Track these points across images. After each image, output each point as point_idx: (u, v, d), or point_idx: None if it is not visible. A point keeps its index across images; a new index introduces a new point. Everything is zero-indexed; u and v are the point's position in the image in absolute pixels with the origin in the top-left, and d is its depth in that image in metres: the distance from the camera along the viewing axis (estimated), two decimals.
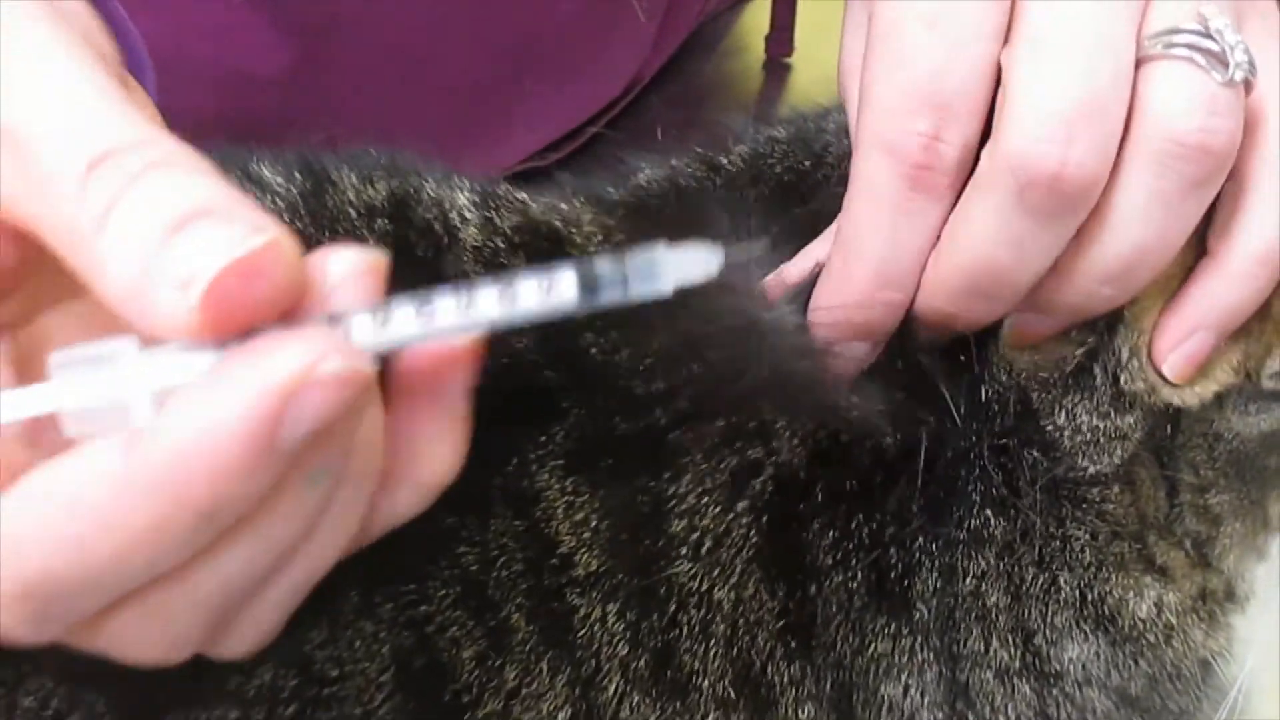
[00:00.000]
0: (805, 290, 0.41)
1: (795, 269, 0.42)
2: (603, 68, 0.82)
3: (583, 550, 0.40)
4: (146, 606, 0.30)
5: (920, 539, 0.41)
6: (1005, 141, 0.37)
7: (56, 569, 0.28)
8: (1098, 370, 0.42)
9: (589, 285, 0.30)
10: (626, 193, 0.46)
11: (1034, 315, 0.41)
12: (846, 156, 0.41)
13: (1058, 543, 0.42)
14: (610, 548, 0.40)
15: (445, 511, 0.38)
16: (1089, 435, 0.42)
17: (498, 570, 0.39)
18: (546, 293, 0.30)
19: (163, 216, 0.28)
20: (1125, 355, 0.41)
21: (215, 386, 0.28)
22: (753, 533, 0.40)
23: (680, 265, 0.31)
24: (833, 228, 0.42)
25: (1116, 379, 0.42)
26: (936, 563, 0.42)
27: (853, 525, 0.41)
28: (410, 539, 0.36)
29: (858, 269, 0.39)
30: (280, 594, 0.33)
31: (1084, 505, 0.42)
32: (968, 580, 0.42)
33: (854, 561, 0.41)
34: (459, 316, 0.30)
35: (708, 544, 0.40)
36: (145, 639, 0.32)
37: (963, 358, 0.42)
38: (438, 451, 0.33)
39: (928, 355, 0.41)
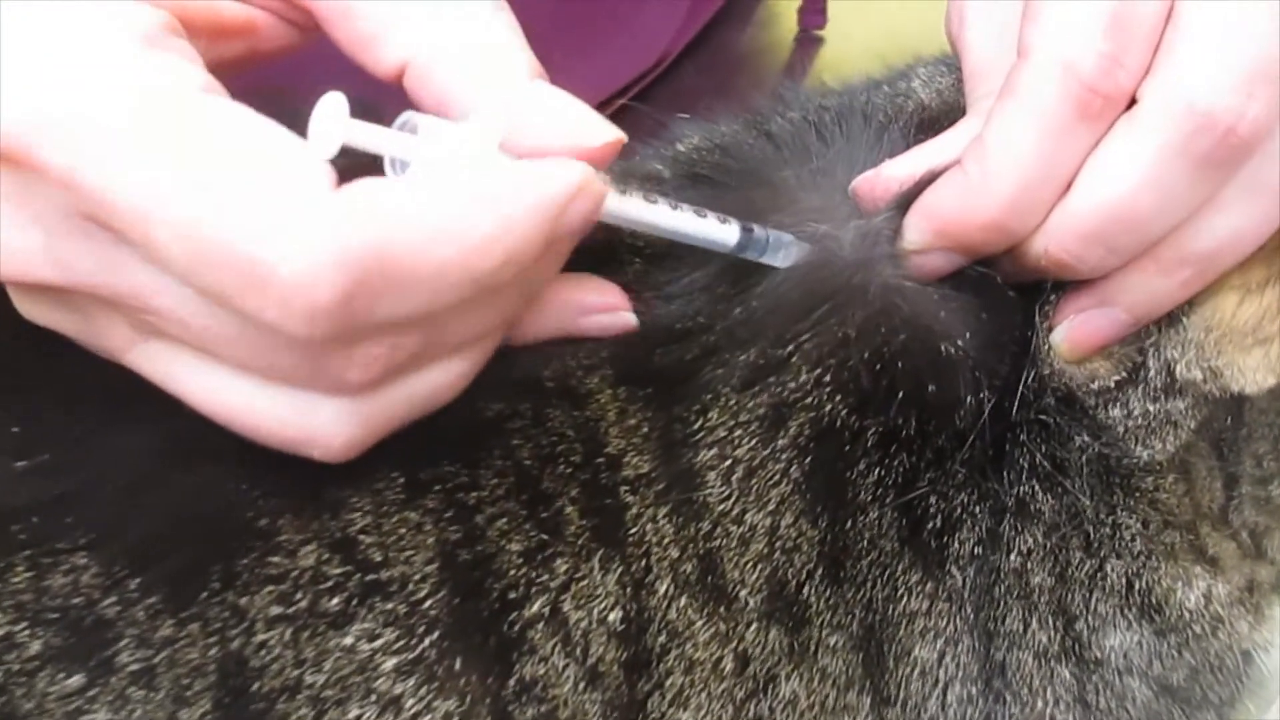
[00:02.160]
0: (911, 196, 0.39)
1: (902, 169, 0.40)
2: (635, 38, 0.80)
3: (632, 453, 0.39)
4: (399, 341, 0.33)
5: (963, 494, 0.41)
6: (1183, 84, 0.35)
7: (390, 253, 0.31)
8: (1151, 360, 0.41)
9: (743, 240, 0.39)
10: (674, 165, 0.45)
11: (1099, 311, 0.40)
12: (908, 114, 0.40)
13: (1107, 529, 0.41)
14: (658, 454, 0.39)
15: (497, 400, 0.38)
16: (1140, 420, 0.41)
17: (555, 463, 0.38)
18: (719, 225, 0.38)
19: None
20: (1184, 343, 0.40)
21: (537, 168, 0.34)
22: (793, 468, 0.39)
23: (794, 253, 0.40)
24: (951, 133, 0.40)
25: (1170, 367, 0.41)
26: (979, 527, 0.41)
27: (895, 463, 0.40)
28: (461, 424, 0.37)
29: (999, 184, 0.37)
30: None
31: (1137, 493, 0.42)
32: (1012, 556, 0.41)
33: (888, 499, 0.40)
34: (665, 218, 0.38)
35: (738, 473, 0.39)
36: (374, 372, 0.33)
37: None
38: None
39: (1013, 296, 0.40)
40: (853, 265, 0.40)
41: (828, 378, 0.39)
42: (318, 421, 0.34)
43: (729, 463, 0.39)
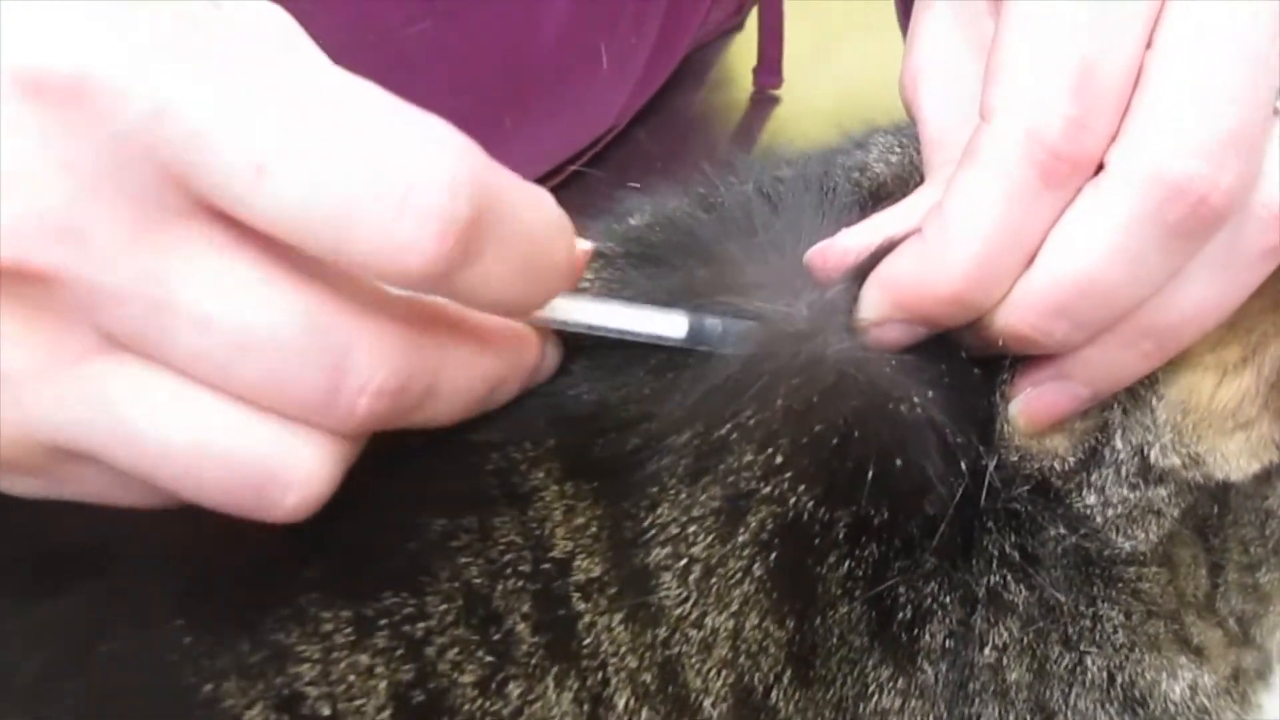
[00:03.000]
0: (868, 266, 0.37)
1: (858, 239, 0.38)
2: (587, 104, 0.79)
3: (581, 555, 0.37)
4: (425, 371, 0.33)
5: (933, 584, 0.38)
6: (1154, 151, 0.34)
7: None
8: (1119, 442, 0.39)
9: (694, 332, 0.38)
10: (624, 242, 0.43)
11: (1056, 384, 0.38)
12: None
13: (1087, 621, 0.39)
14: (610, 556, 0.37)
15: (441, 515, 0.36)
16: (1120, 509, 0.39)
17: (505, 577, 0.36)
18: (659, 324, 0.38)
19: None
20: (1157, 425, 0.39)
21: None
22: (756, 565, 0.37)
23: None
24: (910, 201, 0.38)
25: (1143, 452, 0.39)
26: (950, 618, 0.38)
27: (866, 553, 0.37)
28: (405, 546, 0.35)
29: (959, 254, 0.35)
30: None
31: (1119, 584, 0.39)
32: (987, 650, 0.39)
33: (858, 592, 0.37)
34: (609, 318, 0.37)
35: (695, 572, 0.37)
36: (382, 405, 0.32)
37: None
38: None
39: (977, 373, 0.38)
40: (801, 338, 0.38)
41: (779, 460, 0.37)
42: (300, 459, 0.32)
43: (684, 562, 0.37)
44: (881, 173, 0.43)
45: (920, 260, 0.36)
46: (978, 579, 0.38)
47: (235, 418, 0.31)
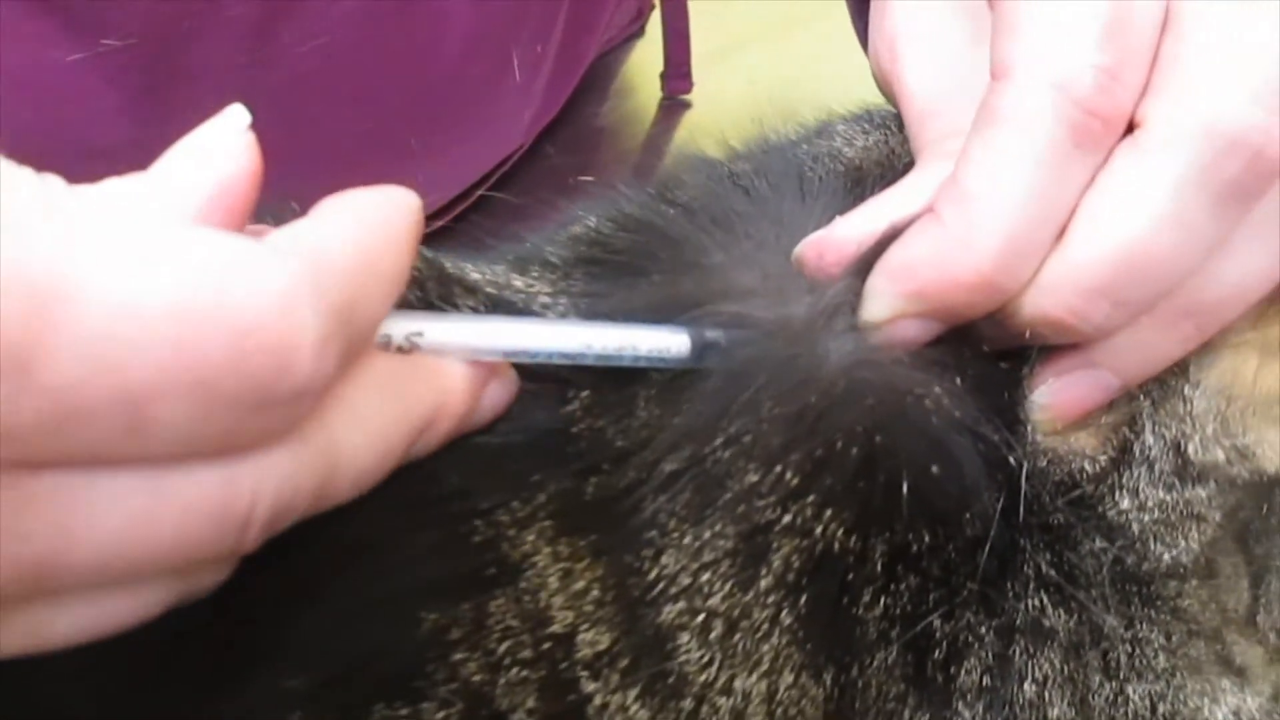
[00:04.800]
0: (872, 258, 0.33)
1: (858, 227, 0.33)
2: (497, 119, 0.75)
3: (585, 626, 0.31)
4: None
5: (968, 614, 0.33)
6: (1200, 102, 0.30)
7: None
8: (1150, 437, 0.35)
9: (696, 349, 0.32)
10: (577, 248, 0.37)
11: (1083, 374, 0.33)
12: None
13: (1127, 646, 0.35)
14: (617, 621, 0.31)
15: (434, 606, 0.31)
16: (1157, 514, 0.35)
17: (505, 669, 0.31)
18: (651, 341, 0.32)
19: None
20: (1193, 416, 0.34)
21: None
22: (784, 614, 0.32)
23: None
24: (910, 181, 0.34)
25: (1179, 447, 0.35)
26: (988, 651, 0.34)
27: (903, 586, 0.33)
28: (398, 645, 0.31)
29: (986, 233, 0.31)
30: None
31: (1158, 602, 0.35)
32: (1027, 685, 0.34)
33: (894, 633, 0.32)
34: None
35: (716, 629, 0.31)
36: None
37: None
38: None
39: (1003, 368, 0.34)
40: (799, 342, 0.33)
41: (794, 480, 0.32)
42: (244, 488, 0.26)
43: (702, 617, 0.31)
44: (855, 158, 0.39)
45: (938, 243, 0.31)
46: (1015, 604, 0.34)
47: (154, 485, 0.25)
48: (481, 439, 0.32)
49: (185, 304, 0.23)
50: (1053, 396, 0.34)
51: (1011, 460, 0.33)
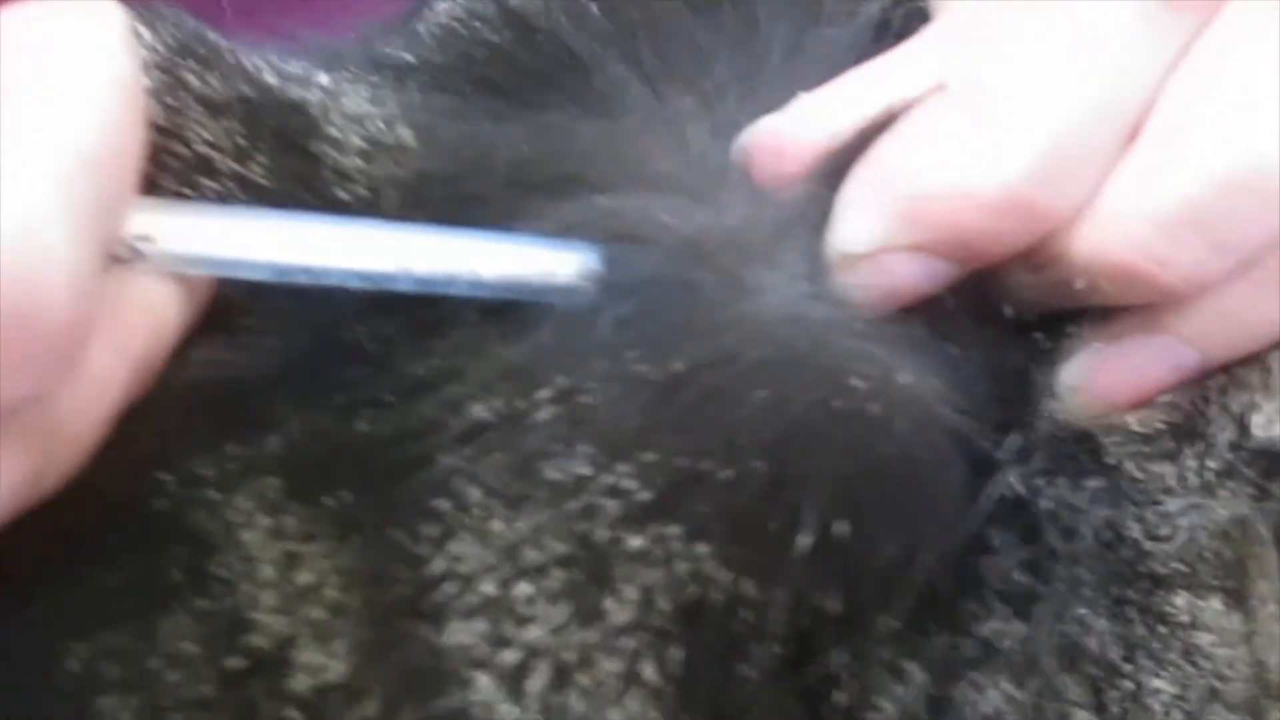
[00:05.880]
0: (848, 160, 0.24)
1: (835, 116, 0.24)
2: None
3: (307, 640, 0.22)
4: None
5: (889, 648, 0.25)
6: None
7: None
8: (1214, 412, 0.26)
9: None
10: (429, 48, 0.27)
11: (1145, 342, 0.25)
12: None
13: (1130, 684, 0.26)
14: (364, 641, 0.22)
15: (81, 635, 0.23)
16: (1188, 512, 0.26)
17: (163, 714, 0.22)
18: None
19: None
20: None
21: None
22: (646, 668, 0.23)
23: None
24: (913, 49, 0.25)
25: (1242, 420, 0.26)
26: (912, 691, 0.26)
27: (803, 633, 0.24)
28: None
29: (1021, 131, 0.23)
30: None
31: (1164, 628, 0.26)
32: None
33: (786, 683, 0.24)
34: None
35: (539, 677, 0.22)
36: None
37: None
38: None
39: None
40: (711, 268, 0.24)
41: (647, 497, 0.22)
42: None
43: (516, 655, 0.22)
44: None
45: (950, 140, 0.23)
46: (964, 629, 0.26)
47: None
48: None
49: None
50: (1093, 372, 0.25)
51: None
